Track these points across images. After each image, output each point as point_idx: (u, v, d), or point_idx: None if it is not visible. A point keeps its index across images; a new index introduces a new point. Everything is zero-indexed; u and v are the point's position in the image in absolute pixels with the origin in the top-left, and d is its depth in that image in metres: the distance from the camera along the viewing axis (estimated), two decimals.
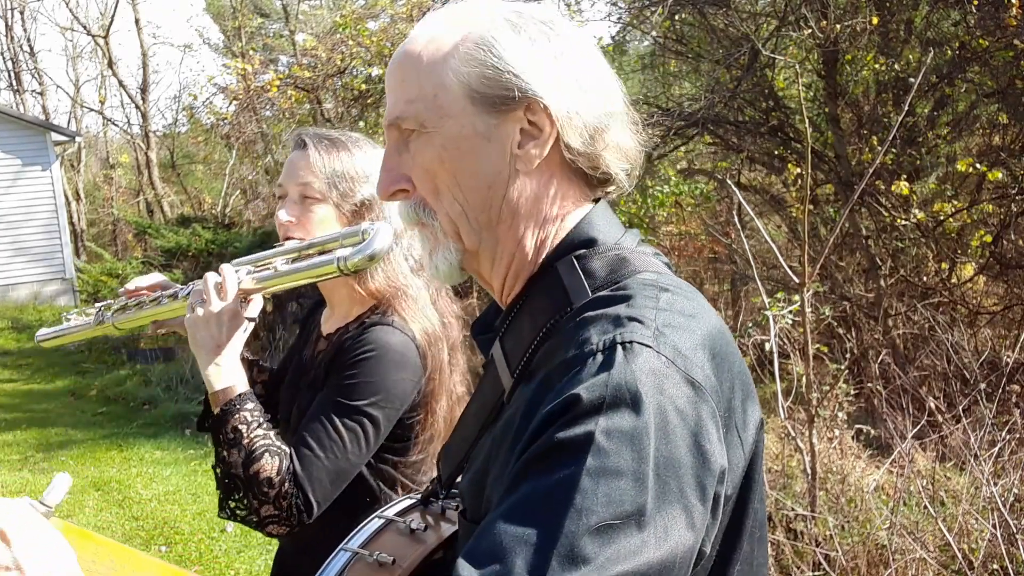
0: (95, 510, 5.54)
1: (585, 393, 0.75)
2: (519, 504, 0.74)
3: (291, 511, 1.48)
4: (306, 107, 10.16)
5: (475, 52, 0.91)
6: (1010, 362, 4.75)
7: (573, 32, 0.96)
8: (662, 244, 9.15)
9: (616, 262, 0.92)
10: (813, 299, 5.21)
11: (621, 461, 0.73)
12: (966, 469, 3.84)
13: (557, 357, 0.83)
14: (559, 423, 0.75)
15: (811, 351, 3.69)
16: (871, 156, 6.12)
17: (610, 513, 0.71)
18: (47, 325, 3.26)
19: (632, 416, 0.74)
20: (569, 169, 0.95)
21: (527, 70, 0.90)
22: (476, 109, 0.91)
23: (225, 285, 1.52)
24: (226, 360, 1.51)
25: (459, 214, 0.94)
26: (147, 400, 8.49)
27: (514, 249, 0.95)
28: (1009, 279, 6.66)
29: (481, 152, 0.92)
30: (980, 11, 6.13)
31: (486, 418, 0.97)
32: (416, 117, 0.92)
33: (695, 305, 0.88)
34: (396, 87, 0.95)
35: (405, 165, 0.95)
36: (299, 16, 17.49)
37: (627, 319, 0.81)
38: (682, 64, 8.43)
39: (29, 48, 23.57)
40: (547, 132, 0.92)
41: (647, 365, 0.77)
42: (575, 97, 0.92)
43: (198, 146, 18.87)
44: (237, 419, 1.48)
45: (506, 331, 0.97)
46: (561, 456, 0.74)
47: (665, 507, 0.73)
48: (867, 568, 3.40)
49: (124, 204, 22.82)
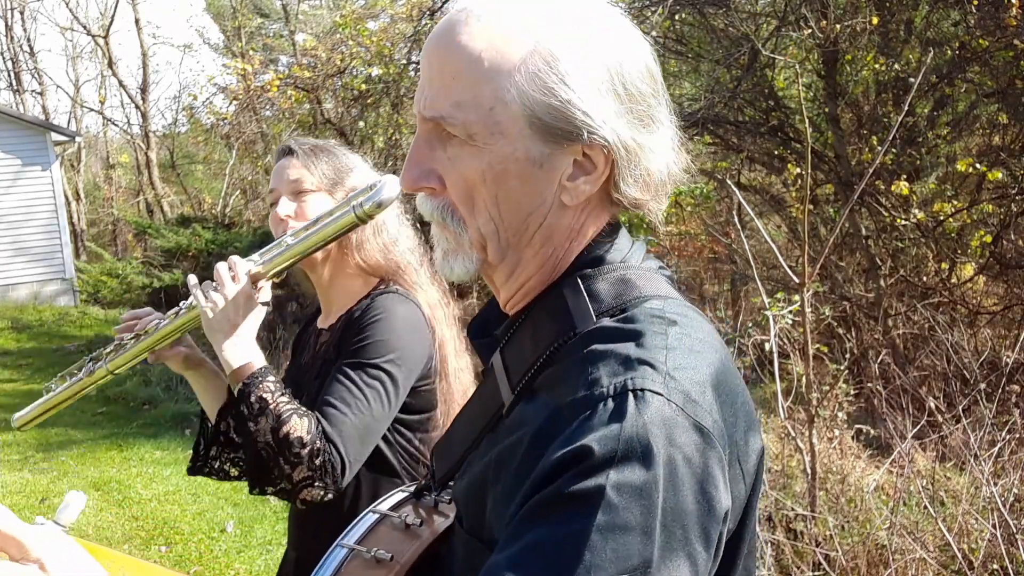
0: (95, 510, 5.54)
1: (597, 446, 0.75)
2: (528, 551, 0.74)
3: (325, 469, 1.47)
4: (306, 107, 10.16)
5: (545, 75, 0.84)
6: (1010, 362, 4.75)
7: (640, 46, 0.90)
8: (662, 244, 9.16)
9: (620, 283, 0.90)
10: (813, 299, 5.21)
11: (630, 516, 0.73)
12: (966, 469, 3.84)
13: (566, 390, 0.82)
14: (570, 474, 0.75)
15: (811, 351, 3.70)
16: (871, 156, 6.13)
17: (617, 568, 0.72)
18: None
19: (642, 470, 0.74)
20: (609, 201, 0.92)
21: (595, 107, 0.85)
22: (532, 134, 0.85)
23: (237, 269, 1.54)
24: (242, 339, 1.52)
25: (492, 232, 0.90)
26: (147, 400, 8.49)
27: (534, 272, 0.93)
28: (1009, 279, 6.66)
29: (529, 179, 0.87)
30: (980, 11, 6.13)
31: (484, 426, 0.97)
32: (465, 125, 0.85)
33: (701, 338, 0.86)
34: (443, 80, 0.86)
35: (439, 162, 0.89)
36: (299, 16, 17.50)
37: (637, 362, 0.80)
38: (682, 64, 8.43)
39: (29, 48, 23.57)
40: (600, 169, 0.88)
41: (659, 415, 0.77)
42: (636, 137, 0.87)
43: (198, 146, 18.88)
44: (261, 389, 1.49)
45: (507, 343, 0.95)
46: (571, 508, 0.74)
47: (671, 557, 0.74)
48: (867, 568, 3.40)
49: (124, 204, 22.83)
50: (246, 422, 1.49)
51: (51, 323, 13.40)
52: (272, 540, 4.92)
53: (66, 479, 6.19)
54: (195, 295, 1.56)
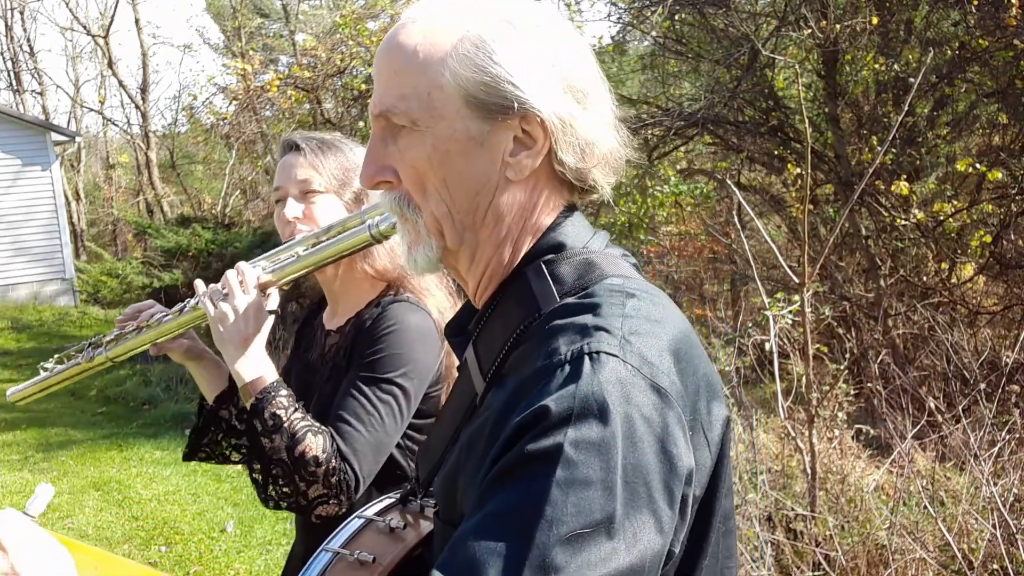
0: (95, 510, 5.54)
1: (553, 405, 0.77)
2: (491, 516, 0.75)
3: (340, 487, 1.48)
4: (306, 107, 10.17)
5: (474, 56, 0.90)
6: (1010, 362, 4.75)
7: (571, 35, 0.95)
8: (662, 244, 9.16)
9: (583, 266, 0.93)
10: (813, 299, 5.21)
11: (590, 471, 0.74)
12: (966, 469, 3.84)
13: (527, 365, 0.84)
14: (529, 435, 0.77)
15: (811, 351, 3.69)
16: (871, 156, 6.13)
17: (580, 523, 0.73)
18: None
19: (600, 426, 0.76)
20: (556, 179, 0.96)
21: (525, 80, 0.90)
22: (471, 113, 0.90)
23: (246, 279, 1.54)
24: (254, 352, 1.52)
25: (444, 215, 0.94)
26: (147, 400, 8.49)
27: (492, 253, 0.96)
28: (1009, 279, 6.66)
29: (472, 157, 0.92)
30: (980, 11, 6.13)
31: (461, 420, 0.99)
32: (408, 113, 0.91)
33: (661, 310, 0.89)
34: (388, 78, 0.93)
35: (392, 157, 0.95)
36: (299, 16, 17.49)
37: (594, 328, 0.83)
38: (682, 64, 8.43)
39: (29, 48, 23.57)
40: (540, 143, 0.92)
41: (613, 375, 0.78)
42: (571, 110, 0.92)
43: (198, 146, 18.89)
44: (274, 405, 1.48)
45: (479, 335, 0.98)
46: (531, 468, 0.76)
47: (634, 513, 0.75)
48: (867, 568, 3.40)
49: (124, 204, 22.83)
50: (260, 437, 1.49)
51: (51, 323, 13.41)
52: (272, 540, 4.92)
53: (66, 479, 6.19)
54: (204, 305, 1.55)
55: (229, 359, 1.52)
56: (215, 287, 1.57)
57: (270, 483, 1.50)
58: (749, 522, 3.67)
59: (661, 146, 8.00)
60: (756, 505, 3.82)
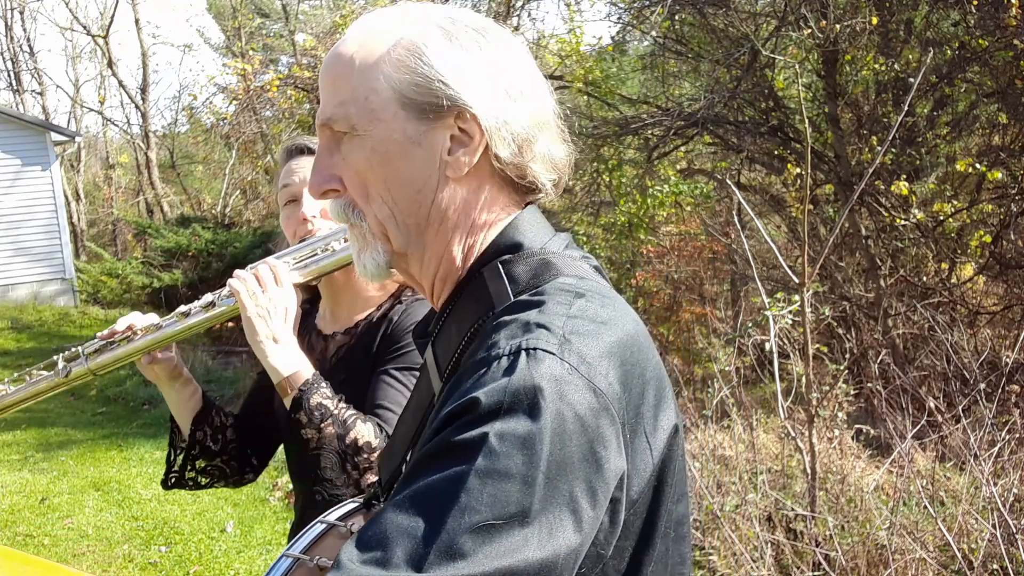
0: (95, 510, 5.54)
1: (484, 397, 0.78)
2: (409, 497, 0.76)
3: None
4: (306, 107, 10.17)
5: (406, 58, 0.92)
6: (1010, 362, 4.75)
7: (506, 40, 0.97)
8: (662, 244, 9.16)
9: (540, 266, 0.93)
10: (813, 299, 5.21)
11: (511, 464, 0.75)
12: (966, 469, 3.84)
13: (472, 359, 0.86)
14: (456, 424, 0.78)
15: (811, 351, 3.70)
16: (871, 156, 6.13)
17: (493, 513, 0.74)
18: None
19: (528, 421, 0.76)
20: (499, 177, 0.97)
21: (457, 79, 0.92)
22: (407, 114, 0.93)
23: (279, 275, 1.54)
24: (291, 347, 1.52)
25: (387, 217, 0.96)
26: (147, 400, 8.49)
27: (442, 253, 0.97)
28: (1009, 279, 6.66)
29: (411, 157, 0.94)
30: (980, 11, 6.13)
31: (421, 420, 1.00)
32: (347, 119, 0.94)
33: (609, 312, 0.89)
34: (328, 88, 0.96)
35: (337, 166, 0.97)
36: (299, 16, 17.49)
37: (535, 325, 0.83)
38: (682, 64, 8.43)
39: (29, 48, 23.60)
40: (476, 140, 0.93)
41: (549, 372, 0.79)
42: (504, 107, 0.94)
43: (198, 146, 18.89)
44: (320, 395, 1.47)
45: (437, 336, 1.00)
46: (453, 455, 0.77)
47: (552, 509, 0.75)
48: (867, 568, 3.40)
49: (124, 204, 22.82)
50: (305, 430, 1.47)
51: (51, 323, 13.41)
52: (272, 540, 4.92)
53: (66, 479, 6.19)
54: (242, 301, 1.51)
55: (267, 354, 1.51)
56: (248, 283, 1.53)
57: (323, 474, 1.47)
58: (749, 522, 3.67)
59: (661, 146, 8.01)
60: (756, 505, 3.82)
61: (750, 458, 4.34)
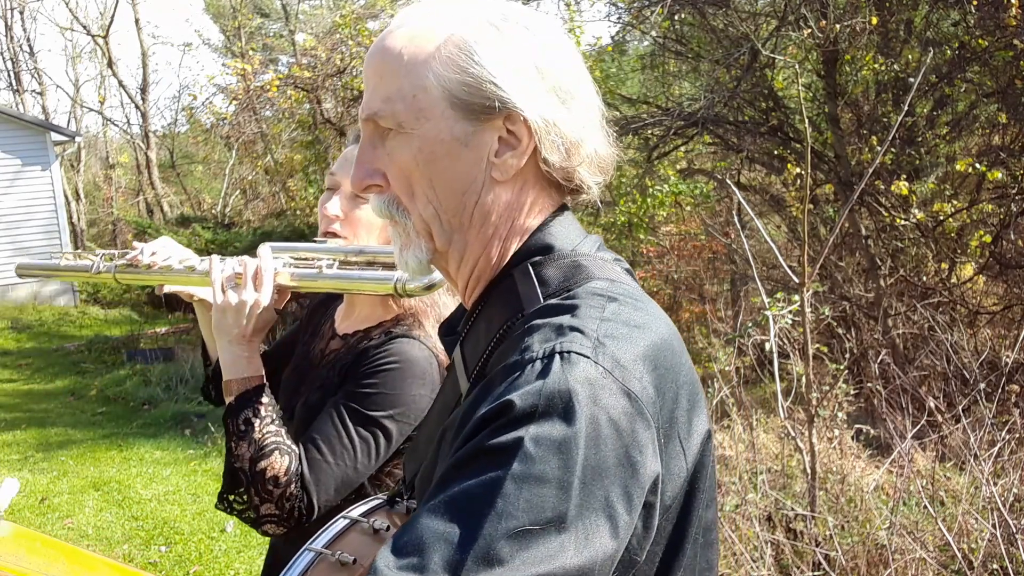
0: (95, 510, 5.54)
1: (519, 400, 0.77)
2: (445, 502, 0.76)
3: (292, 513, 1.45)
4: (306, 107, 10.17)
5: (457, 57, 0.91)
6: (1010, 362, 4.75)
7: (556, 37, 0.96)
8: (662, 244, 9.16)
9: (571, 269, 0.93)
10: (813, 299, 5.21)
11: (547, 468, 0.74)
12: (966, 469, 3.84)
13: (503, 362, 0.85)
14: (491, 428, 0.77)
15: (811, 351, 3.69)
16: (871, 156, 6.13)
17: (530, 519, 0.73)
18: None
19: (563, 425, 0.76)
20: (544, 179, 0.96)
21: (508, 80, 0.90)
22: (455, 114, 0.91)
23: (263, 277, 1.48)
24: (247, 350, 1.48)
25: (432, 216, 0.95)
26: (147, 400, 8.49)
27: (480, 253, 0.97)
28: (1009, 279, 6.66)
29: (458, 157, 0.92)
30: (980, 11, 6.13)
31: (446, 420, 0.99)
32: (394, 116, 0.92)
33: (643, 315, 0.88)
34: (375, 81, 0.94)
35: (380, 160, 0.95)
36: (299, 16, 17.50)
37: (569, 328, 0.83)
38: (682, 64, 8.43)
39: (29, 48, 23.61)
40: (525, 143, 0.92)
41: (583, 375, 0.78)
42: (554, 110, 0.92)
43: (198, 146, 18.88)
44: (250, 411, 1.45)
45: (466, 335, 0.99)
46: (489, 460, 0.76)
47: (588, 515, 0.75)
48: (867, 568, 3.40)
49: (124, 204, 22.82)
50: (229, 439, 1.46)
51: (51, 323, 13.41)
52: (272, 540, 4.92)
53: (66, 479, 6.19)
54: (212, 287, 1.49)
55: (220, 351, 1.48)
56: (230, 270, 1.50)
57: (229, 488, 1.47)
58: (749, 522, 3.67)
59: (661, 146, 8.00)
60: (756, 505, 3.82)
61: (750, 458, 4.34)
